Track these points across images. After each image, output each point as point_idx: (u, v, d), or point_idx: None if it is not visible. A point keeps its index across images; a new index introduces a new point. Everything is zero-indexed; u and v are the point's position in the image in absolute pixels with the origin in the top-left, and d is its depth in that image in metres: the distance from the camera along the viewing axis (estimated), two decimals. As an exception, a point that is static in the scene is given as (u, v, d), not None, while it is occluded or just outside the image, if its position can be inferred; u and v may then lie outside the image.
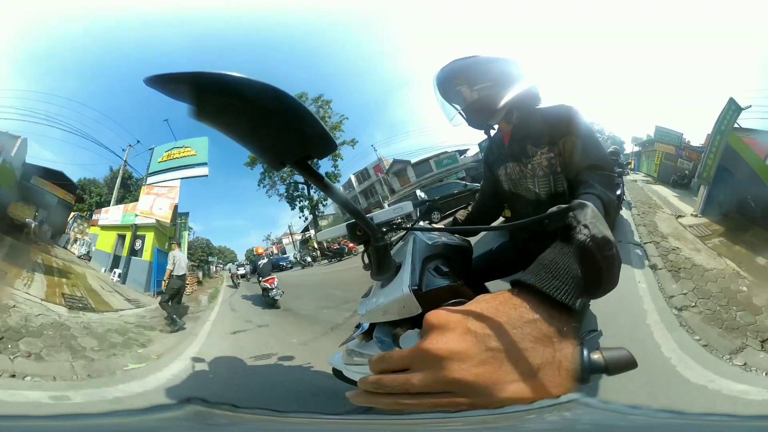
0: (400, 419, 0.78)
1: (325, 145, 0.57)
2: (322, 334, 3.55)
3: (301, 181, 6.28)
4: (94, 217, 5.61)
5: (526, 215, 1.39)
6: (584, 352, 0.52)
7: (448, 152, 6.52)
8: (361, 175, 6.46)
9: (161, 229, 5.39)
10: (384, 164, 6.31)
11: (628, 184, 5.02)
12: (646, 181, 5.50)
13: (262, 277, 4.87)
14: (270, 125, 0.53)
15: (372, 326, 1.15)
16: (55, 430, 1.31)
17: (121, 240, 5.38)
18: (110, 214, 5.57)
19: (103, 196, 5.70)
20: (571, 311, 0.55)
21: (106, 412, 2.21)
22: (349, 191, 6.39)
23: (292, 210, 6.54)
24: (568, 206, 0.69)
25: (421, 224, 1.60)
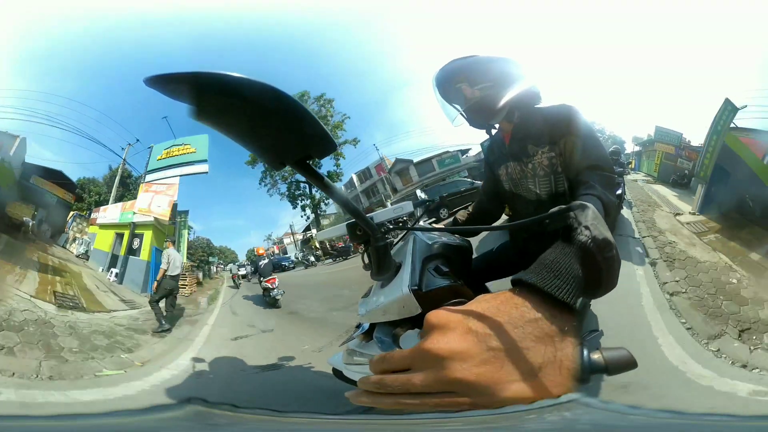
0: (401, 419, 0.78)
1: (325, 145, 0.57)
2: (336, 338, 3.20)
3: (303, 180, 6.24)
4: (92, 215, 5.54)
5: (526, 215, 1.39)
6: (584, 352, 0.52)
7: (450, 152, 6.49)
8: (363, 175, 6.42)
9: (160, 228, 5.28)
10: (386, 163, 6.29)
11: (628, 184, 5.05)
12: (646, 181, 5.51)
13: (263, 278, 4.87)
14: (270, 125, 0.53)
15: (372, 326, 1.15)
16: (55, 430, 1.31)
17: (119, 239, 5.27)
18: (108, 213, 5.48)
19: (102, 195, 5.64)
20: (572, 311, 0.55)
21: (106, 412, 2.22)
22: (351, 190, 6.36)
23: (294, 209, 6.47)
24: (569, 207, 0.69)
25: (421, 224, 1.60)
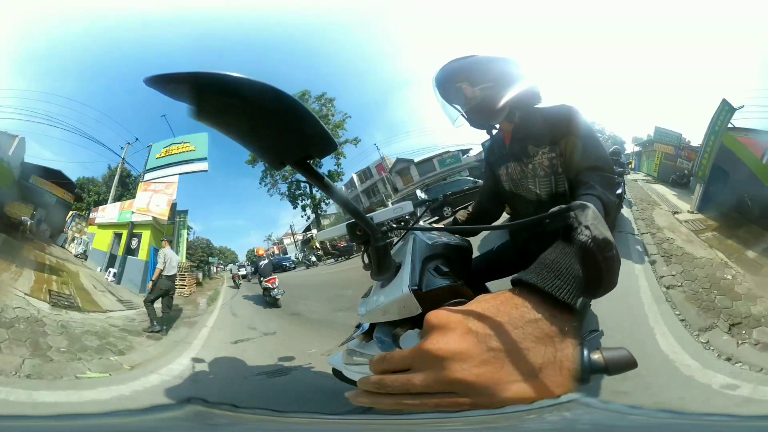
0: (400, 419, 0.78)
1: (325, 145, 0.57)
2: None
3: (303, 179, 6.22)
4: (91, 215, 5.51)
5: (526, 215, 1.39)
6: (584, 352, 0.52)
7: (451, 151, 6.51)
8: (364, 174, 6.41)
9: (158, 227, 5.22)
10: (387, 163, 6.29)
11: (628, 184, 5.08)
12: (646, 181, 5.54)
13: (263, 278, 4.87)
14: (270, 125, 0.53)
15: (372, 326, 1.15)
16: (55, 430, 1.31)
17: (118, 238, 5.23)
18: (107, 212, 5.44)
19: (102, 194, 5.61)
20: (573, 311, 0.55)
21: (106, 412, 2.21)
22: (351, 190, 6.35)
23: (294, 209, 6.42)
24: (569, 206, 0.69)
25: (421, 224, 1.60)
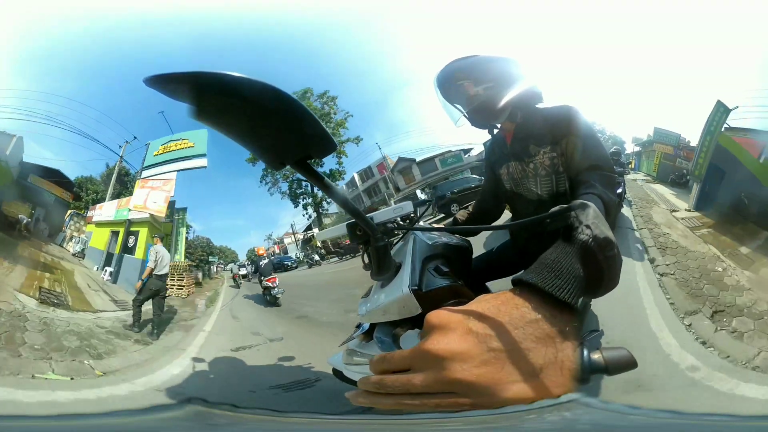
0: (400, 419, 0.78)
1: (325, 145, 0.57)
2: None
3: (304, 178, 6.17)
4: (89, 214, 5.46)
5: (527, 215, 1.39)
6: (585, 353, 0.51)
7: (453, 151, 6.55)
8: (365, 174, 6.41)
9: (156, 225, 5.12)
10: (388, 162, 6.28)
11: (628, 183, 5.14)
12: (645, 180, 5.60)
13: (263, 277, 4.87)
14: (270, 125, 0.53)
15: (372, 326, 1.15)
16: (55, 430, 1.31)
17: (115, 237, 5.14)
18: (104, 210, 5.37)
19: (100, 193, 5.60)
20: (573, 311, 0.55)
21: (106, 412, 2.21)
22: (353, 190, 6.34)
23: (295, 208, 6.39)
24: (570, 206, 0.68)
25: (421, 224, 1.60)
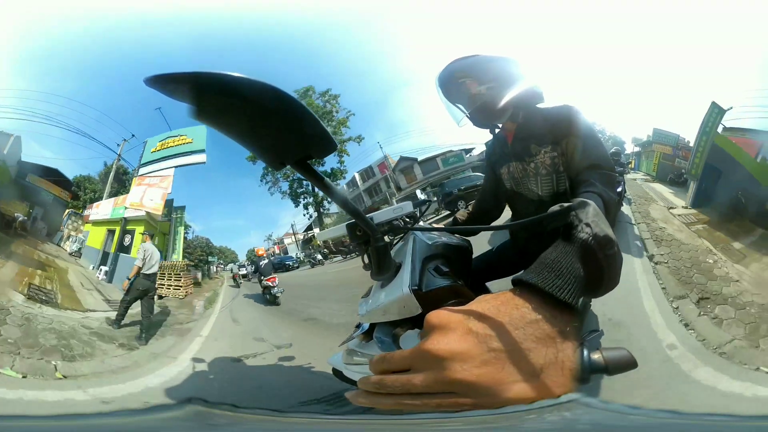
0: (400, 419, 0.78)
1: (326, 145, 0.57)
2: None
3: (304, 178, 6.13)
4: (86, 212, 5.41)
5: (527, 215, 1.39)
6: (585, 353, 0.51)
7: (454, 150, 6.56)
8: (366, 173, 6.39)
9: (152, 223, 5.02)
10: (390, 162, 6.28)
11: (628, 183, 5.21)
12: (645, 180, 5.68)
13: (263, 277, 4.88)
14: (270, 125, 0.53)
15: (372, 326, 1.15)
16: (55, 430, 1.31)
17: (111, 235, 5.08)
18: (101, 209, 5.31)
19: (98, 192, 5.57)
20: (574, 311, 0.55)
21: (106, 412, 2.21)
22: (353, 189, 6.32)
23: (296, 207, 6.34)
24: (570, 205, 0.68)
25: (421, 224, 1.60)
